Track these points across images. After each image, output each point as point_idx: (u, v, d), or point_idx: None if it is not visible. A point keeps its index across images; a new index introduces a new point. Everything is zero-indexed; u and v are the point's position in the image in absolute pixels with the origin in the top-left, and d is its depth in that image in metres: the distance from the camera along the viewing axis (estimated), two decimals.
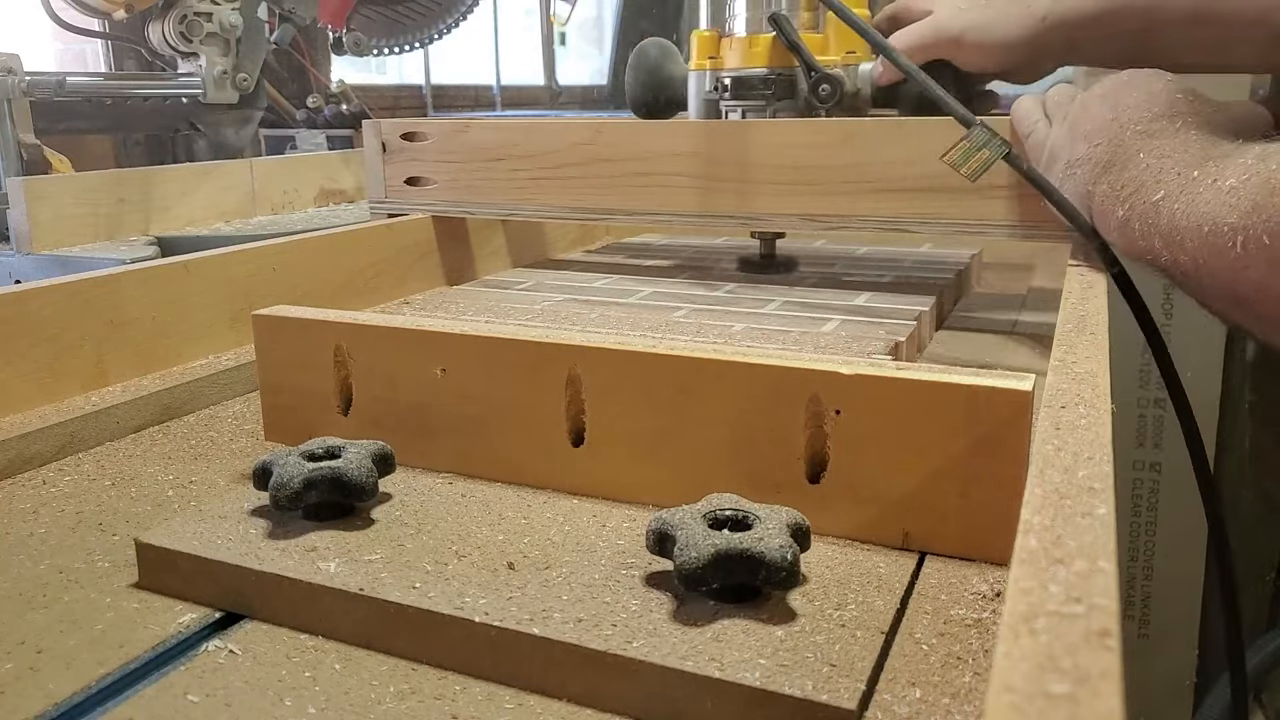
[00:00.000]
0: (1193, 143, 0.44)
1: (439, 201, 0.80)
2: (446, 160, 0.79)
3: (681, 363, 0.40)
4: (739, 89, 0.74)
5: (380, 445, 0.40)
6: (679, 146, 0.71)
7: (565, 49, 4.53)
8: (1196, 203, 0.40)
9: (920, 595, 0.34)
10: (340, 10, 1.67)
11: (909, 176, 0.64)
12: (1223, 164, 0.40)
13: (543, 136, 0.75)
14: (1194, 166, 0.42)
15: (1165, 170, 0.43)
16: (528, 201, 0.77)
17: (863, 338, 0.59)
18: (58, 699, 0.30)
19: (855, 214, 0.66)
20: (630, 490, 0.41)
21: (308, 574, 0.34)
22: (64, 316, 0.53)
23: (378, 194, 0.82)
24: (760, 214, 0.69)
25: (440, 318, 0.65)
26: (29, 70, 1.20)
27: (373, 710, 0.29)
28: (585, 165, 0.74)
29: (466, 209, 0.79)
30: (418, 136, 0.79)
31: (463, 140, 0.78)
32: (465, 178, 0.78)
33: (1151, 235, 0.43)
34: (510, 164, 0.76)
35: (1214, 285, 0.40)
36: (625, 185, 0.73)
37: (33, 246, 1.03)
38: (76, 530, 0.41)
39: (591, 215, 0.75)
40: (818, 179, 0.67)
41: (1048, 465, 0.26)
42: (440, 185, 0.79)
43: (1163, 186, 0.43)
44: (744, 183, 0.69)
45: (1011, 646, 0.18)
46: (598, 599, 0.33)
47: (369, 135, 0.81)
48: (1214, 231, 0.39)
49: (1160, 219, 0.43)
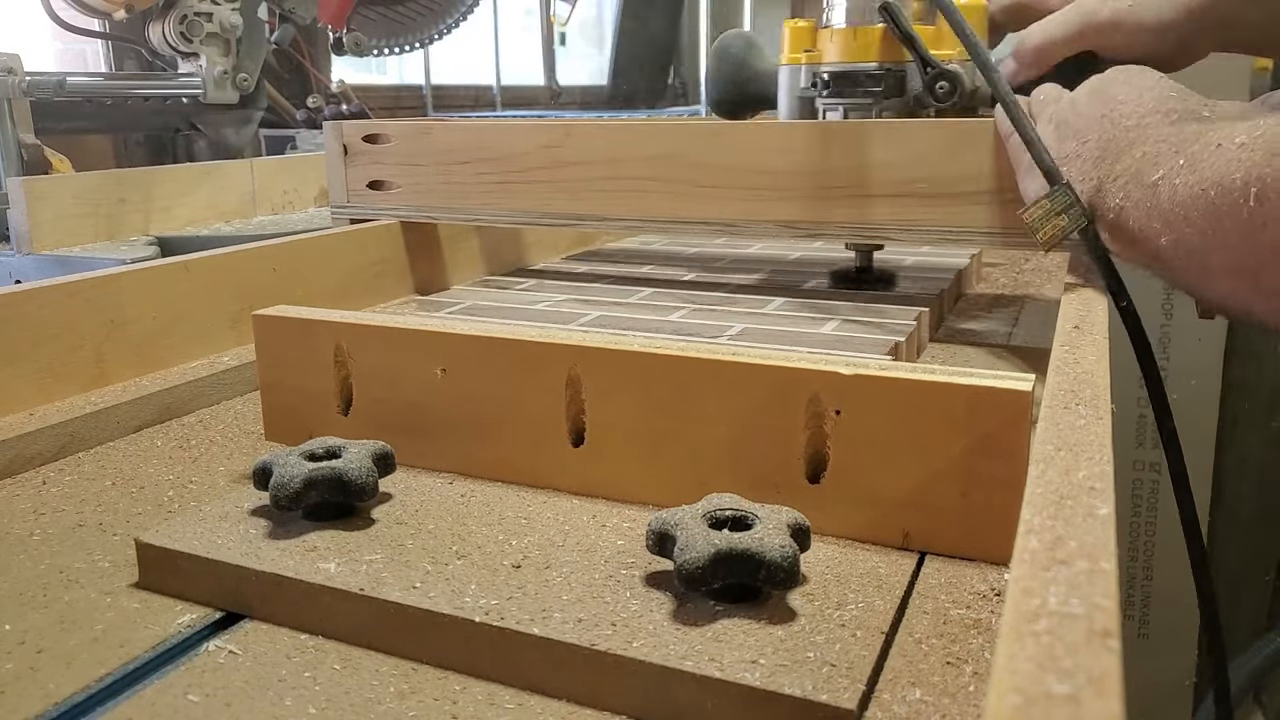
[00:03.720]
0: (1189, 129, 0.42)
1: (403, 206, 0.77)
2: (410, 163, 0.76)
3: (681, 363, 0.40)
4: (842, 85, 0.68)
5: (380, 445, 0.40)
6: (650, 149, 0.67)
7: (565, 49, 4.53)
8: (1199, 169, 0.38)
9: (920, 595, 0.34)
10: (340, 10, 1.67)
11: (891, 181, 0.61)
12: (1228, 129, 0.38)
13: (509, 139, 0.72)
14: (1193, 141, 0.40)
15: (1162, 154, 0.41)
16: (495, 206, 0.73)
17: (862, 338, 0.59)
18: (58, 699, 0.30)
19: (833, 220, 0.63)
20: (630, 490, 0.41)
21: (308, 574, 0.34)
22: (64, 316, 0.53)
23: (340, 198, 0.79)
24: (734, 220, 0.66)
25: (440, 317, 0.65)
26: (29, 70, 1.20)
27: (373, 710, 0.29)
28: (554, 169, 0.70)
29: (431, 214, 0.76)
30: (380, 139, 0.76)
31: (426, 142, 0.74)
32: (429, 181, 0.75)
33: (1151, 220, 0.41)
34: (476, 167, 0.73)
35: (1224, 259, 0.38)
36: (595, 190, 0.69)
37: (33, 246, 1.03)
38: (76, 530, 0.41)
39: (561, 221, 0.71)
40: (794, 184, 0.64)
41: (1048, 465, 0.26)
42: (404, 189, 0.76)
43: (1160, 167, 0.41)
44: (717, 187, 0.66)
45: (1012, 647, 0.18)
46: (598, 599, 0.33)
47: (329, 137, 0.78)
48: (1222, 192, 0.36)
49: (1160, 199, 0.40)
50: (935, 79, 0.64)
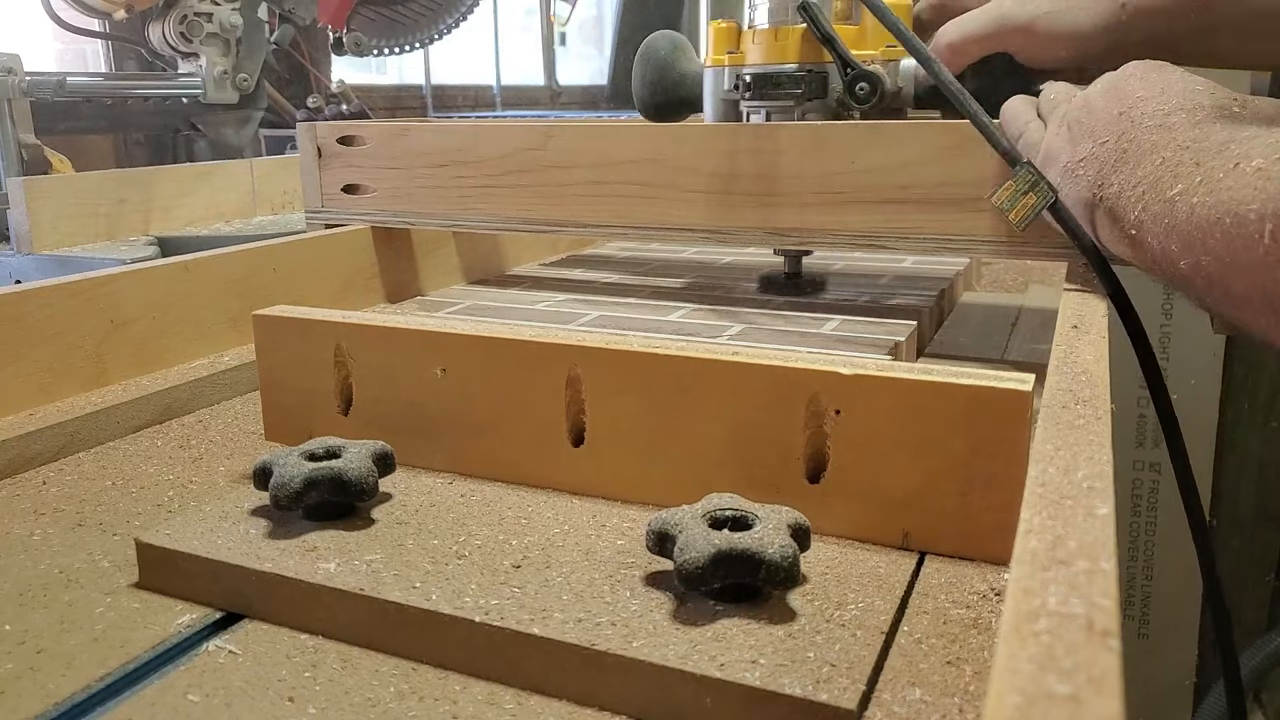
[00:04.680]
0: (1215, 133, 0.38)
1: (378, 211, 0.74)
2: (386, 166, 0.73)
3: (681, 363, 0.40)
4: (763, 87, 0.66)
5: (380, 445, 0.40)
6: (634, 153, 0.64)
7: (565, 49, 4.53)
8: (1217, 191, 0.35)
9: (920, 595, 0.34)
10: (340, 10, 1.66)
11: (886, 186, 0.58)
12: (1247, 145, 0.36)
13: (488, 141, 0.69)
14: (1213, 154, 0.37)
15: (1182, 165, 0.38)
16: (474, 211, 0.70)
17: (862, 338, 0.58)
18: (58, 699, 0.30)
19: (826, 229, 0.60)
20: (630, 490, 0.41)
21: (308, 574, 0.34)
22: (64, 316, 0.53)
23: (314, 203, 0.76)
24: (723, 227, 0.63)
25: (440, 317, 0.65)
26: (29, 70, 1.20)
27: (373, 710, 0.29)
28: (535, 173, 0.67)
29: (407, 219, 0.73)
30: (355, 141, 0.73)
31: (403, 145, 0.72)
32: (406, 185, 0.72)
33: (1168, 238, 0.38)
34: (454, 171, 0.70)
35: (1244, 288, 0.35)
36: (578, 195, 0.66)
37: (33, 246, 1.03)
38: (76, 530, 0.41)
39: (542, 227, 0.68)
40: (785, 189, 0.61)
41: (1048, 465, 0.26)
42: (380, 194, 0.73)
43: (1180, 180, 0.38)
44: (706, 193, 0.63)
45: (1012, 647, 0.18)
46: (598, 599, 0.33)
47: (303, 139, 0.75)
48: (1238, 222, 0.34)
49: (1177, 216, 0.38)
50: (855, 80, 0.62)
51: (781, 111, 0.66)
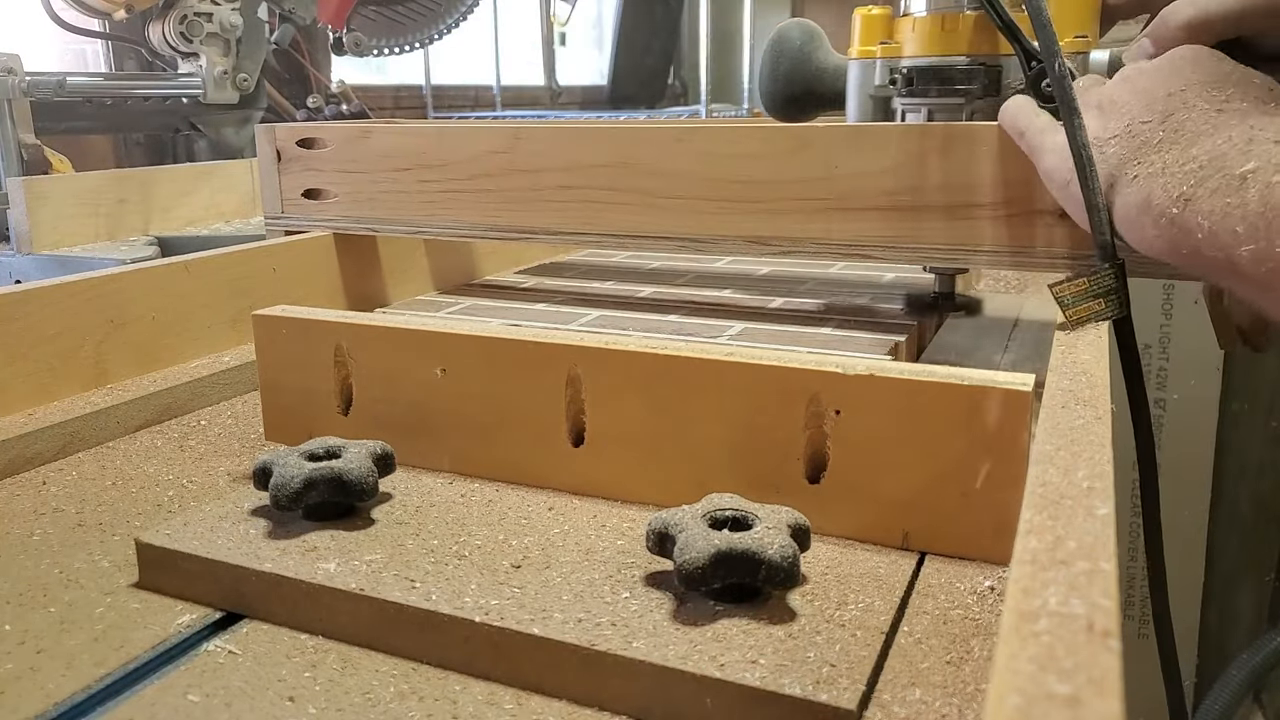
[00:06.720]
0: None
1: (340, 217, 0.70)
2: (348, 170, 0.69)
3: (682, 363, 0.40)
4: (926, 82, 0.58)
5: (380, 445, 0.40)
6: (606, 156, 0.61)
7: (565, 49, 4.54)
8: None
9: (920, 595, 0.34)
10: (340, 10, 1.67)
11: (875, 192, 0.54)
12: None
13: (453, 144, 0.66)
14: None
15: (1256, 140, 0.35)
16: (439, 217, 0.67)
17: (862, 338, 0.58)
18: (58, 699, 0.30)
19: (810, 237, 0.56)
20: (630, 490, 0.41)
21: (308, 574, 0.34)
22: (64, 316, 0.53)
23: (273, 208, 0.73)
24: (700, 235, 0.59)
25: (440, 317, 0.65)
26: (29, 70, 1.20)
27: (373, 710, 0.29)
28: (502, 176, 0.64)
29: (370, 225, 0.70)
30: (316, 143, 0.70)
31: (365, 147, 0.68)
32: (369, 190, 0.69)
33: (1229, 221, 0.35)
34: (418, 174, 0.67)
35: None
36: (547, 200, 0.63)
37: (33, 246, 1.03)
38: (76, 530, 0.41)
39: (510, 234, 0.65)
40: (766, 195, 0.57)
41: (1048, 465, 0.26)
42: (341, 199, 0.70)
43: (1253, 158, 0.34)
44: (682, 199, 0.59)
45: (1012, 647, 0.18)
46: (598, 599, 0.33)
47: (262, 142, 0.72)
48: None
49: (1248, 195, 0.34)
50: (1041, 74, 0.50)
51: (947, 110, 0.59)
